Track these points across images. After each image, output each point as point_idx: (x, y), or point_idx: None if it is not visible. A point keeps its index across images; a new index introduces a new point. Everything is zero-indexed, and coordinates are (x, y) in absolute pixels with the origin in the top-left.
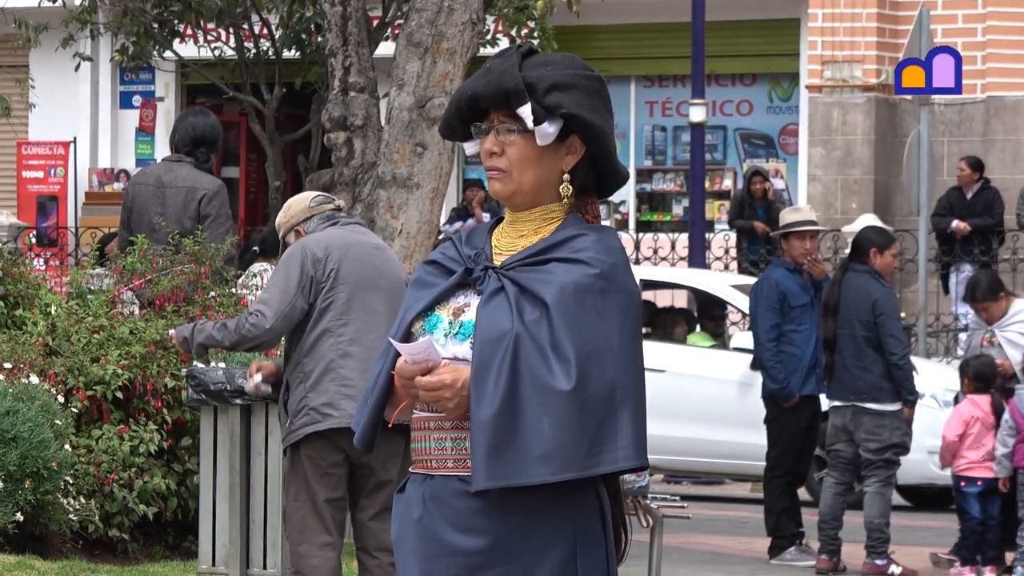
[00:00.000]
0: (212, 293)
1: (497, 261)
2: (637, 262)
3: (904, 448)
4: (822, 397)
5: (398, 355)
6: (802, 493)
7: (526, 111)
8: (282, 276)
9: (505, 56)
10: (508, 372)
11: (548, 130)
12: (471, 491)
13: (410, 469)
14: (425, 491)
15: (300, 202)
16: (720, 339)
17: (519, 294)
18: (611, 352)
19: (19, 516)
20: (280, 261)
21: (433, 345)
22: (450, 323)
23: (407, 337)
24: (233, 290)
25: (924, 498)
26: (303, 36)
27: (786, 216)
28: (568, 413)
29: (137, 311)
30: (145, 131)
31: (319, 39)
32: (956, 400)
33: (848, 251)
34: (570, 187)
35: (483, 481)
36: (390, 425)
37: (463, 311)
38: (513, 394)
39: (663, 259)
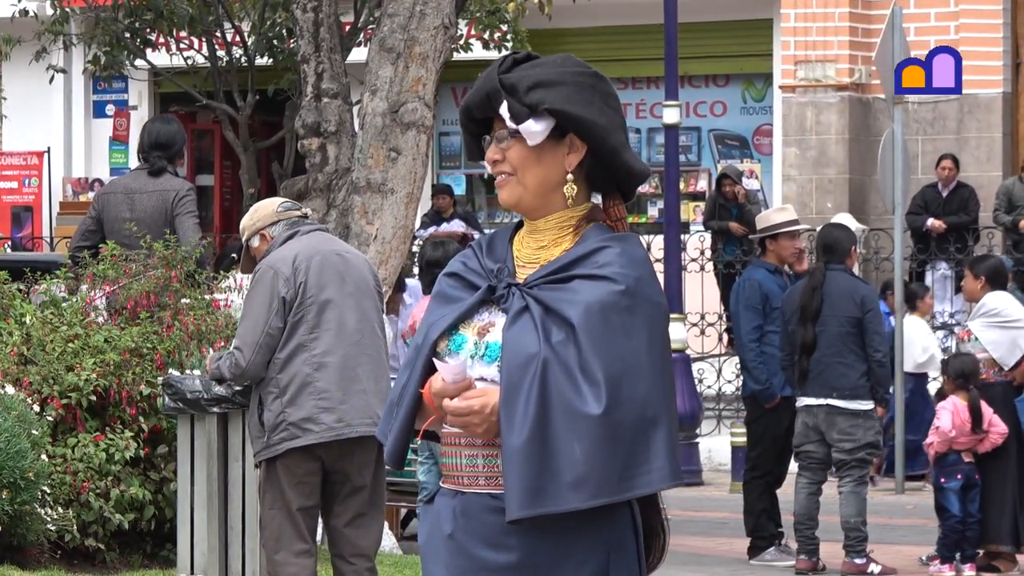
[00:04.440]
0: (185, 300)
1: (520, 274)
2: None
3: (877, 447)
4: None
5: (425, 368)
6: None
7: (504, 110)
8: (253, 304)
9: (494, 63)
10: (537, 397)
11: (534, 128)
12: (507, 520)
13: (440, 483)
14: (456, 507)
15: (267, 207)
16: None
17: (544, 314)
18: (640, 371)
19: None
20: (250, 287)
21: (467, 366)
22: (475, 344)
23: (433, 356)
24: (207, 295)
25: None
26: (275, 42)
27: (773, 217)
28: (600, 437)
29: (104, 317)
30: (119, 140)
31: (292, 44)
32: (939, 395)
33: (819, 252)
34: (574, 187)
35: (517, 511)
36: (419, 438)
37: (488, 331)
38: (543, 420)
39: None
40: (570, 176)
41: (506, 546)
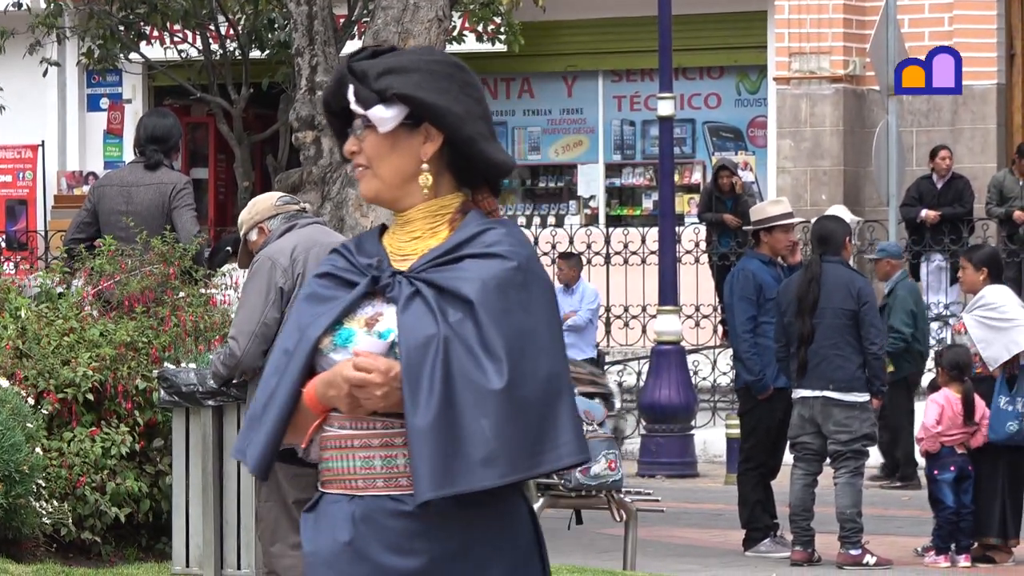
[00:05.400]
0: (181, 294)
1: (400, 266)
2: (608, 257)
3: (873, 439)
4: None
5: (304, 369)
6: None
7: (350, 95)
8: (250, 294)
9: (351, 53)
10: (441, 376)
11: (383, 114)
12: (415, 504)
13: (324, 488)
14: (354, 512)
15: (266, 200)
16: None
17: (438, 296)
18: (542, 346)
19: None
20: (247, 277)
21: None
22: (366, 334)
23: (315, 356)
24: (203, 290)
25: None
26: (265, 34)
27: (768, 209)
28: (507, 413)
29: (98, 311)
30: (113, 133)
31: (276, 34)
32: (933, 387)
33: (814, 244)
34: (429, 177)
35: (428, 491)
36: (303, 445)
37: (377, 320)
38: (449, 399)
39: (633, 253)
40: (425, 166)
41: (412, 550)
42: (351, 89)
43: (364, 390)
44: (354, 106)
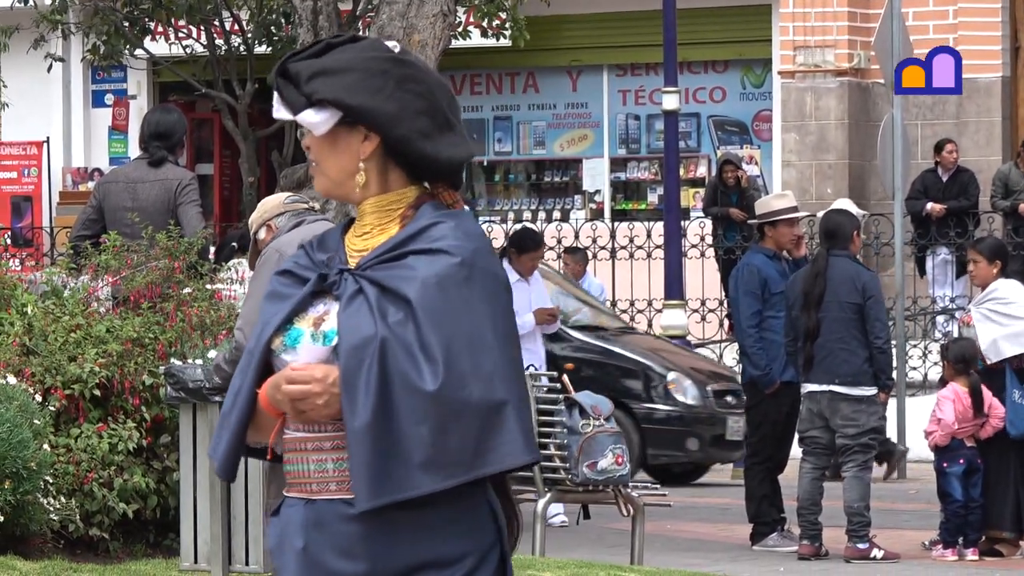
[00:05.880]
0: (187, 289)
1: (354, 263)
2: (613, 252)
3: (881, 432)
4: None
5: (260, 368)
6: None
7: (275, 100)
8: (257, 286)
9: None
10: (377, 379)
11: (311, 119)
12: (356, 512)
13: (286, 492)
14: (308, 517)
15: (274, 199)
16: None
17: (380, 295)
18: (484, 345)
19: None
20: (255, 270)
21: (330, 356)
22: (312, 335)
23: (268, 354)
24: (208, 285)
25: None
26: (272, 29)
27: (772, 203)
28: (444, 415)
29: (106, 307)
30: (118, 129)
31: (288, 31)
32: (943, 381)
33: (822, 238)
34: (364, 176)
35: (366, 500)
36: (269, 456)
37: (324, 320)
38: (385, 401)
39: (639, 248)
40: (361, 165)
41: (363, 556)
42: (276, 95)
43: (306, 402)
44: (279, 112)
